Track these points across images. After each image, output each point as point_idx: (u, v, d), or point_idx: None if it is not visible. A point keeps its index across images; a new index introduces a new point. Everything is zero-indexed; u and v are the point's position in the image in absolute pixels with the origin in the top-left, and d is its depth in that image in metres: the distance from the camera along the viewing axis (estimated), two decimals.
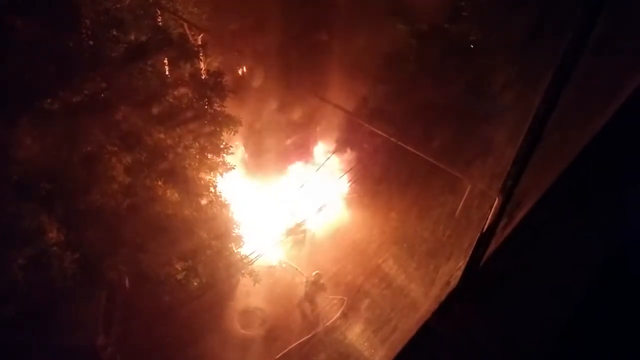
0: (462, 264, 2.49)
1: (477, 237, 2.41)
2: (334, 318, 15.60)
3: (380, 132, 16.37)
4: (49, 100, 10.84)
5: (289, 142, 19.78)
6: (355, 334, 15.19)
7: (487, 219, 2.43)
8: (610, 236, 2.45)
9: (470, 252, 2.43)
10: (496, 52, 14.92)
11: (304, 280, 16.46)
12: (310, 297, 16.22)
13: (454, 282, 2.48)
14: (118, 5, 11.71)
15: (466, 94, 15.53)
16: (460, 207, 14.88)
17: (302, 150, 20.06)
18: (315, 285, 16.11)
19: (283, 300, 16.39)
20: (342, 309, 15.85)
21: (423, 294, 14.15)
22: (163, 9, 13.28)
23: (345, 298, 16.04)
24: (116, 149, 11.81)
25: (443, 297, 2.48)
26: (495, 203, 2.38)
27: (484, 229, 2.42)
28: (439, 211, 16.31)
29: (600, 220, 2.52)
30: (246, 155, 19.75)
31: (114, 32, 11.61)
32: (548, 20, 12.27)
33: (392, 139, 15.81)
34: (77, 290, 11.64)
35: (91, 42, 11.29)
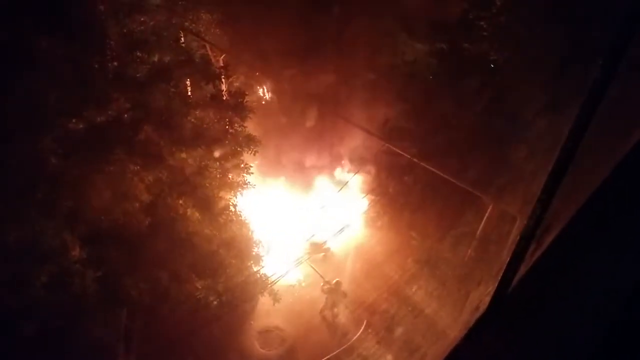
0: (491, 289, 2.44)
1: (506, 262, 2.36)
2: (354, 338, 15.45)
3: (402, 152, 16.35)
4: (73, 120, 11.02)
5: (310, 161, 19.83)
6: (378, 356, 15.00)
7: (516, 243, 2.38)
8: None
9: (500, 277, 2.38)
10: (517, 72, 14.83)
11: (325, 287, 16.45)
12: (331, 304, 16.21)
13: (482, 308, 2.43)
14: (142, 27, 11.93)
15: (487, 114, 15.44)
16: (481, 229, 14.73)
17: (324, 170, 20.08)
18: (336, 293, 16.10)
19: (303, 320, 16.31)
20: (362, 328, 15.72)
21: (451, 318, 13.96)
22: (186, 31, 13.50)
23: (365, 320, 15.92)
24: (138, 168, 11.93)
25: (472, 323, 2.42)
26: (524, 227, 2.33)
27: (513, 254, 2.37)
28: (463, 233, 16.16)
29: (632, 245, 2.44)
30: (267, 175, 19.83)
31: (138, 54, 11.81)
32: (576, 44, 12.17)
33: (414, 159, 15.78)
34: (98, 308, 11.69)
35: (115, 63, 11.49)
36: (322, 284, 16.69)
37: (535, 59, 13.94)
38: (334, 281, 16.39)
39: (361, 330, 15.69)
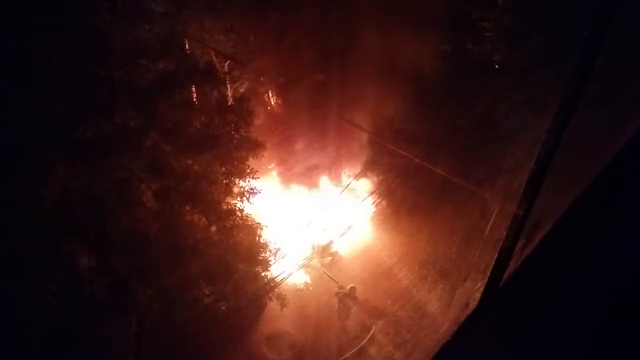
0: (480, 286, 2.48)
1: (495, 258, 2.40)
2: (363, 342, 15.44)
3: (404, 153, 16.38)
4: (80, 129, 11.13)
5: (316, 165, 19.86)
6: (382, 357, 15.01)
7: (504, 239, 2.42)
8: (632, 258, 2.41)
9: (489, 273, 2.41)
10: (519, 72, 14.83)
11: (340, 291, 16.62)
12: (346, 309, 16.25)
13: (473, 304, 2.47)
14: (147, 35, 12.04)
15: (491, 114, 15.45)
16: (489, 229, 14.69)
17: (328, 173, 20.11)
18: (351, 298, 16.16)
19: (311, 325, 16.30)
20: (371, 332, 15.70)
21: (444, 314, 13.97)
22: (190, 38, 13.59)
23: (374, 323, 15.91)
24: (145, 175, 12.02)
25: (462, 319, 2.46)
26: (512, 224, 2.37)
27: (500, 250, 2.41)
28: (470, 233, 16.11)
29: (621, 242, 2.48)
30: (273, 179, 19.88)
31: (143, 61, 11.92)
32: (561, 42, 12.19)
33: (416, 159, 15.79)
34: (107, 314, 11.78)
35: (121, 71, 11.61)
36: (336, 290, 16.75)
37: (538, 58, 13.95)
38: (348, 287, 16.46)
39: (370, 334, 15.66)
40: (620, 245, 2.54)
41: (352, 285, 16.52)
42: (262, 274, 14.50)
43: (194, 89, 13.56)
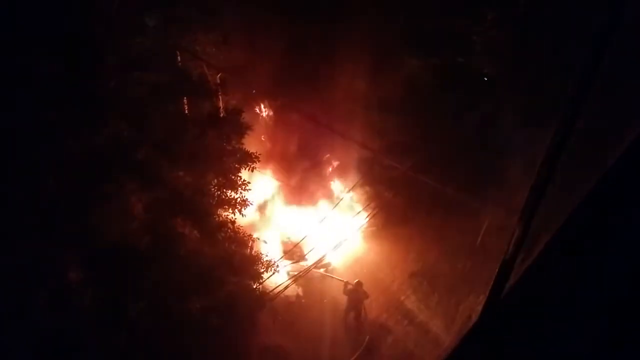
0: (482, 299, 2.47)
1: (496, 271, 2.40)
2: (357, 354, 15.36)
3: (397, 166, 16.44)
4: (71, 141, 11.07)
5: (308, 177, 19.87)
6: None
7: (505, 252, 2.41)
8: (634, 268, 2.41)
9: (490, 287, 2.41)
10: (511, 85, 14.98)
11: (348, 288, 16.57)
12: (354, 305, 16.24)
13: (474, 317, 2.46)
14: (139, 48, 12.03)
15: (482, 127, 15.56)
16: (480, 240, 14.74)
17: (321, 186, 20.12)
18: (358, 293, 16.08)
19: (304, 338, 16.20)
20: (364, 344, 15.64)
21: (445, 328, 13.94)
22: (183, 50, 13.59)
23: (367, 335, 15.86)
24: (136, 187, 11.96)
25: (464, 333, 2.45)
26: (513, 236, 2.37)
27: (502, 263, 2.40)
28: (461, 244, 16.15)
29: (623, 251, 2.48)
30: (265, 191, 19.85)
31: (135, 74, 11.91)
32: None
33: (409, 172, 15.85)
34: (98, 329, 11.64)
35: (113, 83, 11.58)
36: (344, 284, 16.72)
37: (525, 69, 14.09)
38: (355, 281, 16.44)
39: (364, 346, 15.60)
40: (622, 254, 2.54)
41: (358, 279, 16.54)
42: (254, 287, 14.40)
43: (186, 101, 13.55)
